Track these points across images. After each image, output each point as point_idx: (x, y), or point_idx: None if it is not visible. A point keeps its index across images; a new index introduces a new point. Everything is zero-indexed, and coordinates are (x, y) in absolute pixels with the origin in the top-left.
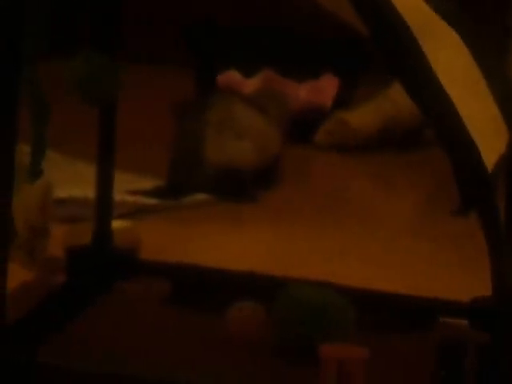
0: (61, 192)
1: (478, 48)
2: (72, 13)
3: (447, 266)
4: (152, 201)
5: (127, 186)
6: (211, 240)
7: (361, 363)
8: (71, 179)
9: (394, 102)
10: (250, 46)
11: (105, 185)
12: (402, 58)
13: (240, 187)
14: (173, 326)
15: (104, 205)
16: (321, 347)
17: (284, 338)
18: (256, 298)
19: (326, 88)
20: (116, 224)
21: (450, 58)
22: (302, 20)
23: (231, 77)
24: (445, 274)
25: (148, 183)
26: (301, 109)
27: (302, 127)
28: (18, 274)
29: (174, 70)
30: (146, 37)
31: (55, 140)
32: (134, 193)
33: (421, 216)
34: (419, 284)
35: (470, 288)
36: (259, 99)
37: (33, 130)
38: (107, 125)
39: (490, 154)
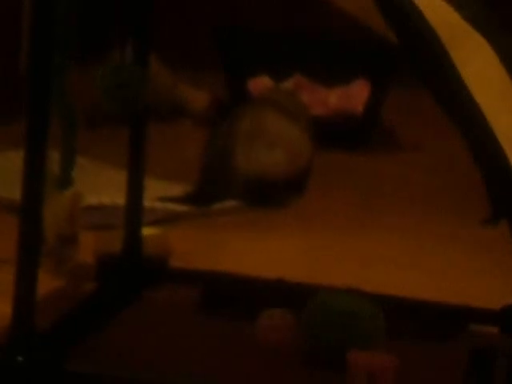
0: (91, 199)
1: (509, 57)
2: (103, 18)
3: (478, 273)
4: (182, 208)
5: (157, 193)
6: (241, 247)
7: (389, 370)
8: (101, 185)
9: None
10: (280, 52)
11: (135, 192)
12: (431, 70)
13: (270, 195)
14: (202, 332)
15: (134, 212)
16: (350, 354)
17: (313, 345)
18: (286, 305)
19: (356, 93)
20: (146, 231)
21: (480, 69)
22: (332, 25)
23: (262, 82)
24: (476, 281)
25: (178, 190)
26: (331, 114)
27: (332, 133)
28: (48, 282)
29: (205, 75)
30: (178, 42)
31: (86, 146)
32: (164, 200)
33: (451, 222)
34: (450, 291)
35: (500, 295)
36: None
37: (62, 140)
38: (137, 132)
39: None
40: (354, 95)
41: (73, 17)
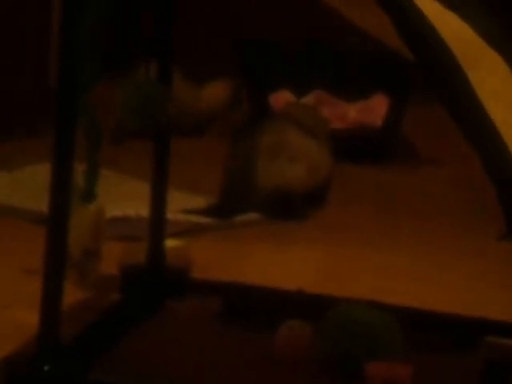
0: (116, 211)
1: None
2: (128, 35)
3: (494, 286)
4: (204, 220)
5: (180, 205)
6: (262, 258)
7: (405, 381)
8: (126, 197)
9: None
10: (302, 67)
11: (158, 204)
12: (446, 86)
13: (291, 208)
14: (223, 342)
15: (157, 224)
16: (367, 365)
17: (332, 356)
18: (305, 316)
19: (376, 107)
20: (169, 243)
21: (496, 87)
22: (351, 41)
23: (284, 97)
24: (492, 294)
25: (200, 202)
26: (351, 128)
27: (352, 146)
28: (72, 293)
29: None
30: (200, 56)
31: (111, 158)
32: (187, 212)
33: (469, 236)
34: (466, 303)
35: None
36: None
37: (87, 156)
38: (161, 146)
39: None
40: (373, 109)
41: (98, 33)
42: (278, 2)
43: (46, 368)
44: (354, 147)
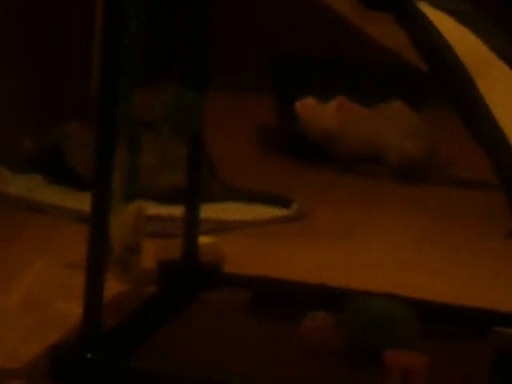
0: (150, 210)
1: None
2: (165, 45)
3: (504, 279)
4: (234, 217)
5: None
6: (287, 254)
7: (421, 369)
8: None
9: None
10: (326, 76)
11: (192, 204)
12: (457, 94)
13: None
14: (252, 332)
15: (192, 222)
16: (386, 353)
17: (352, 344)
18: (328, 308)
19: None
20: (202, 239)
21: (505, 96)
22: (372, 52)
23: (308, 103)
24: (502, 287)
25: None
26: None
27: None
28: (114, 286)
29: (257, 96)
30: (231, 69)
31: None
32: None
33: (480, 232)
34: (478, 295)
35: None
36: None
37: (127, 160)
38: (194, 152)
39: None
40: None
41: (138, 44)
42: (305, 18)
43: (88, 355)
44: None
